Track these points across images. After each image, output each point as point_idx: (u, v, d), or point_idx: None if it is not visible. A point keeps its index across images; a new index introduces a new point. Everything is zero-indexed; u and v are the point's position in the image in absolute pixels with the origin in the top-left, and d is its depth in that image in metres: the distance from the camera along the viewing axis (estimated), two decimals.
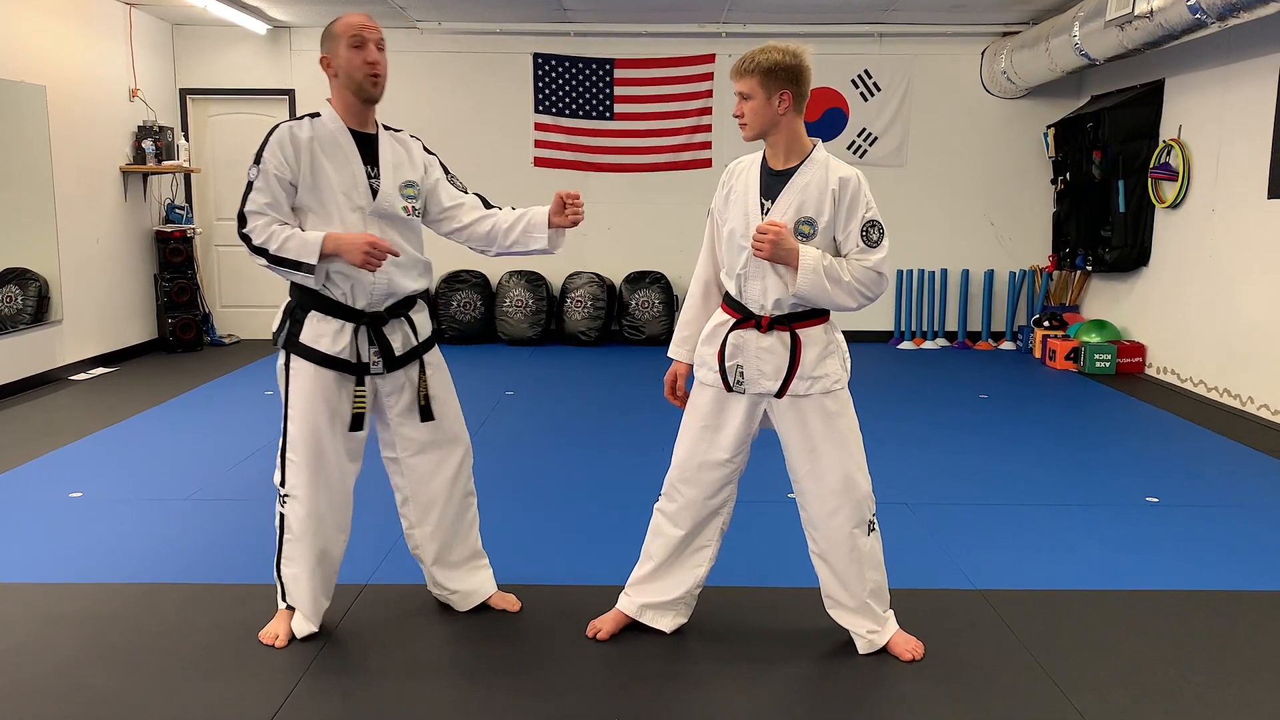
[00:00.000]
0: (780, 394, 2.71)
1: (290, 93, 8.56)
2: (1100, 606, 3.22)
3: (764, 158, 2.76)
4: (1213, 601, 3.28)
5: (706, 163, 8.64)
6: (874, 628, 2.84)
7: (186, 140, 8.30)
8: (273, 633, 2.90)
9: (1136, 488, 4.53)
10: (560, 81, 8.57)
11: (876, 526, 2.81)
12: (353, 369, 2.79)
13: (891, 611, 2.89)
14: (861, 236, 2.66)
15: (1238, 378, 6.22)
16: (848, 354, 2.81)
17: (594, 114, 8.62)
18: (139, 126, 7.79)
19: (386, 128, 2.86)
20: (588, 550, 3.67)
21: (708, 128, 8.62)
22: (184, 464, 4.78)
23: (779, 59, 2.63)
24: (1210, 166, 6.58)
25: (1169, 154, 6.97)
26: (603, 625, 2.97)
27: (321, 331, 2.77)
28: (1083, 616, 3.14)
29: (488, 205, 2.98)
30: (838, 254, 2.69)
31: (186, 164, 8.04)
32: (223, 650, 2.87)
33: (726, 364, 2.75)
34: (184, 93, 8.54)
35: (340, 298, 2.76)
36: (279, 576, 2.93)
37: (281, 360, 2.82)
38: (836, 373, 2.72)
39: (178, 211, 8.24)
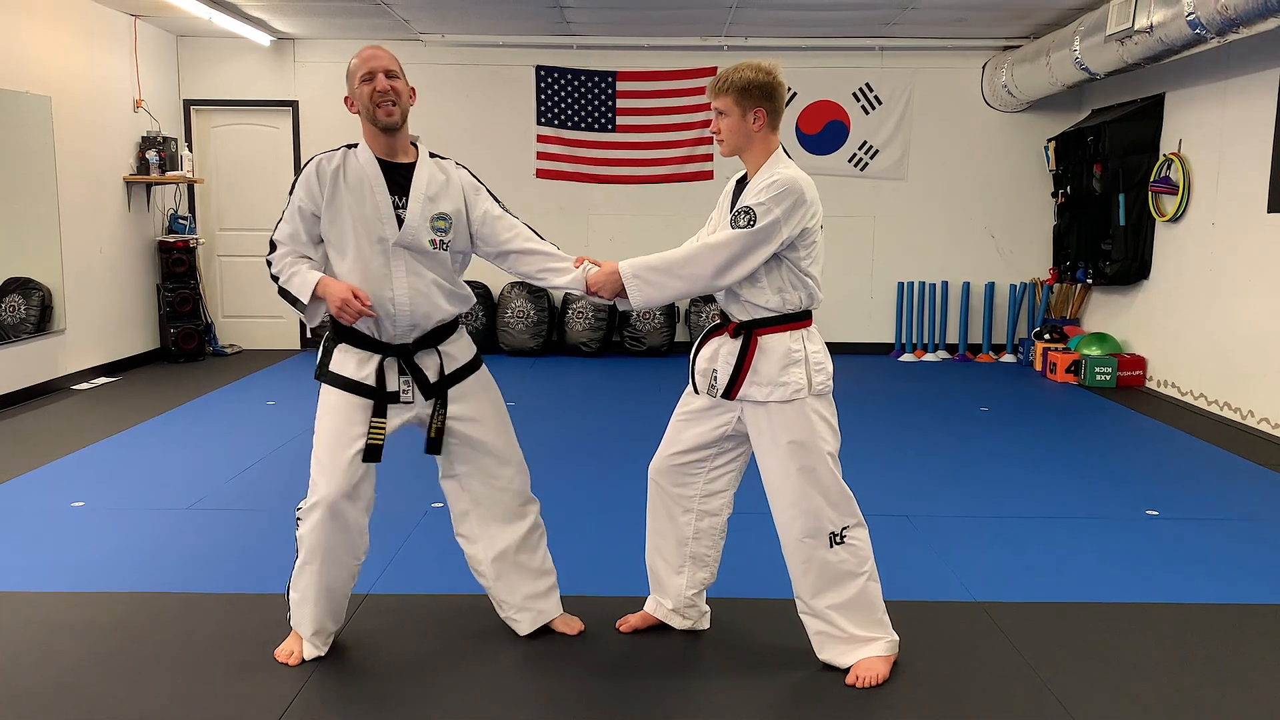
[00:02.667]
0: (727, 395, 2.74)
1: (294, 104, 8.60)
2: (1100, 619, 3.23)
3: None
4: (1213, 615, 3.28)
5: (708, 175, 8.67)
6: (819, 629, 2.81)
7: (190, 151, 8.34)
8: (288, 650, 2.88)
9: (1136, 501, 4.53)
10: (563, 94, 8.60)
11: (847, 540, 2.74)
12: (376, 396, 2.75)
13: (878, 642, 2.79)
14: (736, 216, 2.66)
15: (1238, 391, 6.23)
16: (824, 365, 2.76)
17: (596, 126, 8.65)
18: (143, 137, 7.82)
19: (433, 155, 2.84)
20: (589, 562, 3.67)
21: (709, 140, 8.64)
22: (186, 474, 4.78)
23: (753, 77, 2.67)
24: (1210, 180, 6.60)
25: (1169, 168, 6.99)
26: (629, 619, 3.09)
27: (347, 361, 2.77)
28: (1083, 629, 3.15)
29: (539, 238, 2.92)
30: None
31: (190, 174, 8.07)
32: (224, 660, 2.87)
33: (703, 366, 2.82)
34: (188, 103, 8.58)
35: (366, 330, 2.77)
36: (287, 596, 2.90)
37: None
38: (799, 382, 2.69)
39: (181, 222, 8.26)
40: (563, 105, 8.62)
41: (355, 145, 2.78)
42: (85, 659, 2.87)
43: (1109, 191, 7.37)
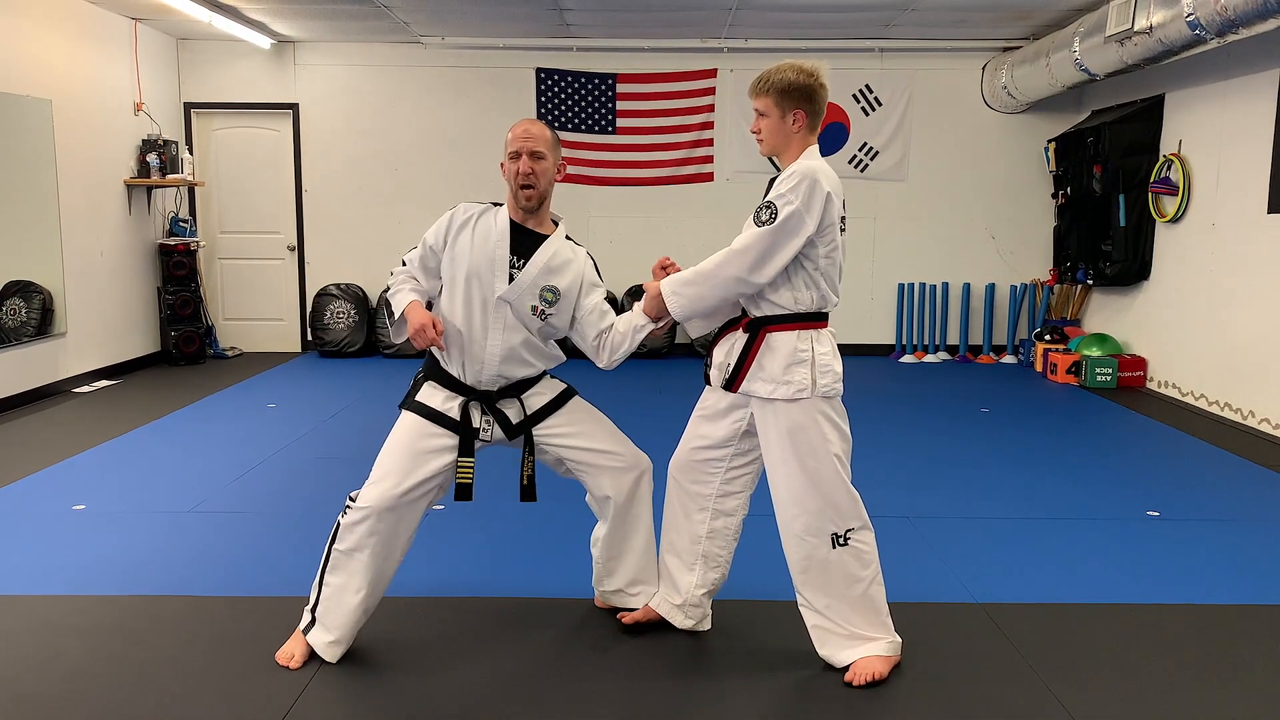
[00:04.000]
0: (728, 387, 2.78)
1: (294, 107, 8.60)
2: (1101, 620, 3.23)
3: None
4: (1214, 616, 3.28)
5: (708, 176, 8.68)
6: (817, 622, 2.82)
7: (190, 154, 8.35)
8: (289, 653, 2.88)
9: (1137, 502, 4.53)
10: (563, 96, 8.61)
11: (850, 542, 2.75)
12: (460, 431, 2.86)
13: (879, 642, 2.80)
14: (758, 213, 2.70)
15: (1239, 391, 6.23)
16: (831, 367, 2.74)
17: (596, 128, 8.66)
18: (143, 140, 7.83)
19: (568, 238, 2.97)
20: (588, 564, 3.67)
21: (709, 142, 8.66)
22: (187, 476, 4.79)
23: (793, 79, 2.69)
24: (1210, 181, 6.60)
25: (1169, 169, 7.00)
26: (632, 613, 3.10)
27: (434, 395, 2.91)
28: (1084, 630, 3.15)
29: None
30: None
31: (190, 177, 8.08)
32: (225, 663, 2.87)
33: (719, 360, 2.84)
34: (188, 106, 8.59)
35: (455, 373, 2.91)
36: (320, 584, 2.87)
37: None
38: (803, 382, 2.69)
39: (181, 225, 8.27)
40: (563, 107, 8.62)
41: (501, 204, 2.94)
42: (87, 662, 2.87)
43: (1109, 192, 7.38)
